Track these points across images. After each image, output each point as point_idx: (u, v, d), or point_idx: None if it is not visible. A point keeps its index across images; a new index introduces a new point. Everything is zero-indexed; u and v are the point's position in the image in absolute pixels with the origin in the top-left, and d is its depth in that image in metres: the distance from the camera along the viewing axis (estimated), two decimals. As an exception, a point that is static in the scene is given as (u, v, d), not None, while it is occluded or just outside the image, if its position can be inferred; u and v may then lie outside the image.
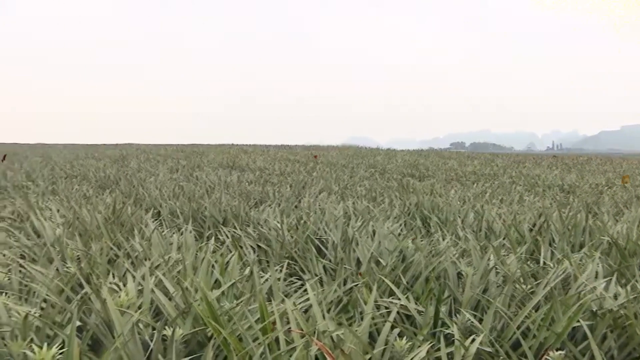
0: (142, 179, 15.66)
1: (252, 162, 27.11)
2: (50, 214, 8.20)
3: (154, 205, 9.76)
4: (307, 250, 5.88)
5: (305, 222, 7.34)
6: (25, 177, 16.99)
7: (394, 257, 5.59)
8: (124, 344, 3.12)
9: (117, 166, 22.70)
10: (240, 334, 3.25)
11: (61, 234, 6.27)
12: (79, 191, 12.22)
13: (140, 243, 5.73)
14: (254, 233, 7.03)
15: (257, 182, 15.43)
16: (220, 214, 8.53)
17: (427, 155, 39.42)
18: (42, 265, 5.03)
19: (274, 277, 4.45)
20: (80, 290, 4.20)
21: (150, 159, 30.00)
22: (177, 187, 13.00)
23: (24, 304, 4.02)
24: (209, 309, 3.44)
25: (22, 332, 3.44)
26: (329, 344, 3.26)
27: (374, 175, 19.73)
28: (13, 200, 10.47)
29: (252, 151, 41.46)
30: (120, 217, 7.49)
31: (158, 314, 3.88)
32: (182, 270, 4.56)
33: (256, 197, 11.48)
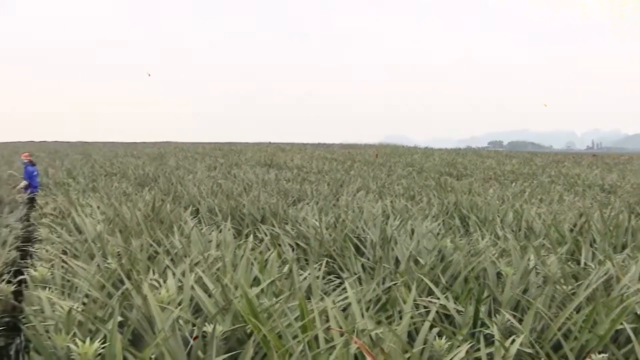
0: (180, 177, 15.77)
1: (289, 160, 27.14)
2: (90, 210, 8.29)
3: (192, 202, 9.81)
4: (346, 248, 5.86)
5: (343, 221, 7.32)
6: (66, 174, 17.20)
7: (433, 256, 5.55)
8: (165, 340, 3.14)
9: (156, 164, 22.87)
10: (280, 332, 3.24)
11: (102, 230, 6.33)
12: (119, 188, 12.34)
13: (179, 240, 5.76)
14: (292, 231, 7.03)
15: (295, 180, 15.45)
16: (258, 212, 8.54)
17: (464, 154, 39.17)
18: (83, 260, 5.09)
19: (313, 275, 4.44)
20: (121, 286, 4.22)
21: (188, 157, 30.20)
22: (215, 185, 13.06)
23: (66, 298, 4.06)
24: (249, 306, 3.44)
25: (65, 326, 3.48)
26: (367, 342, 3.24)
27: (411, 173, 19.65)
28: (55, 197, 10.61)
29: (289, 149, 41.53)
30: (159, 215, 7.55)
31: (197, 311, 3.89)
32: (222, 268, 4.57)
33: (294, 195, 11.48)
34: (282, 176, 17.14)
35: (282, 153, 35.73)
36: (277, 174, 17.80)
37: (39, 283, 4.66)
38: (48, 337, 3.51)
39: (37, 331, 3.65)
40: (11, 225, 8.74)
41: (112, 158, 28.24)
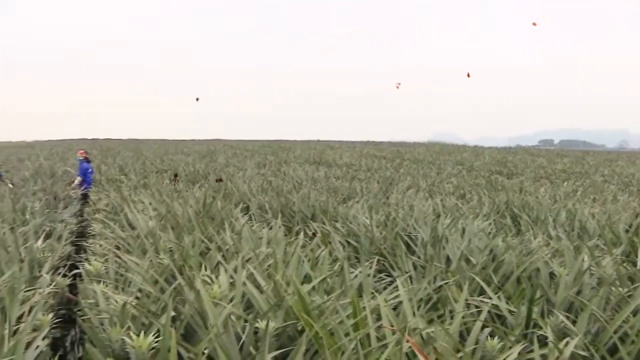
0: (230, 174, 15.88)
1: (338, 158, 27.17)
2: (142, 206, 8.40)
3: (242, 199, 9.88)
4: (397, 246, 5.84)
5: (394, 219, 7.30)
6: (118, 171, 17.47)
7: (484, 255, 5.50)
8: (218, 336, 3.17)
9: (206, 161, 23.07)
10: (331, 329, 3.25)
11: (154, 226, 6.41)
12: (170, 185, 12.47)
13: (231, 237, 5.80)
14: (343, 229, 7.03)
15: (344, 178, 15.45)
16: (308, 209, 8.56)
17: (514, 152, 38.75)
18: (136, 256, 5.16)
19: (364, 273, 4.43)
20: (173, 281, 4.27)
21: (237, 154, 30.43)
22: (265, 182, 13.13)
23: (120, 292, 4.13)
24: (301, 303, 3.45)
25: (120, 319, 3.53)
26: (419, 341, 3.23)
27: (461, 172, 19.51)
28: (108, 193, 10.78)
29: (338, 147, 41.56)
30: (210, 211, 7.61)
31: (248, 307, 3.91)
32: (273, 265, 4.59)
33: (344, 192, 11.48)
34: (331, 174, 17.16)
35: (330, 151, 35.78)
36: (326, 172, 17.84)
37: (93, 277, 4.75)
38: (103, 329, 3.58)
39: (92, 324, 3.72)
40: (66, 220, 8.91)
41: (163, 155, 28.60)
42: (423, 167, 21.31)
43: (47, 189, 12.91)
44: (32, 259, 5.48)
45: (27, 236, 6.67)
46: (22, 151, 38.78)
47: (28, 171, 18.46)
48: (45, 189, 13.04)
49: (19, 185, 14.28)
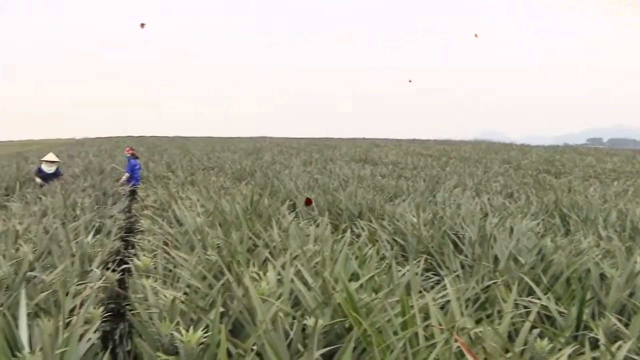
0: (276, 172, 15.93)
1: (384, 156, 27.10)
2: (190, 203, 8.47)
3: (289, 197, 9.91)
4: (444, 245, 5.81)
5: (441, 217, 7.26)
6: (165, 168, 17.66)
7: (533, 255, 5.43)
8: (266, 332, 3.18)
9: (252, 159, 23.18)
10: (380, 327, 3.24)
11: (202, 222, 6.46)
12: (216, 182, 12.56)
13: (278, 234, 5.82)
14: (389, 227, 7.01)
15: (391, 176, 15.41)
16: (355, 207, 8.55)
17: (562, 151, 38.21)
18: (184, 252, 5.21)
19: (412, 272, 4.41)
20: (221, 277, 4.30)
21: (283, 151, 30.52)
22: (312, 180, 13.15)
23: (169, 288, 4.17)
24: (350, 301, 3.45)
25: (169, 314, 3.57)
26: (467, 341, 3.21)
27: (508, 171, 19.31)
28: (155, 190, 10.91)
29: (383, 145, 41.43)
30: (257, 208, 7.65)
31: (296, 304, 3.92)
32: (321, 262, 4.60)
33: (390, 191, 11.45)
34: (377, 172, 17.12)
35: (376, 149, 35.67)
36: (372, 170, 17.81)
37: (142, 272, 4.81)
38: (152, 324, 3.62)
39: (141, 318, 3.77)
40: (115, 216, 9.05)
41: (209, 152, 28.81)
42: (469, 166, 21.15)
43: (97, 186, 13.12)
44: (82, 254, 5.57)
45: (78, 231, 6.79)
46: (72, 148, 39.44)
47: (78, 168, 18.77)
48: (95, 185, 13.25)
49: (69, 181, 14.54)
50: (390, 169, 18.65)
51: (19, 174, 17.34)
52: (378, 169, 18.36)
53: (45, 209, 8.62)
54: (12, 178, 16.12)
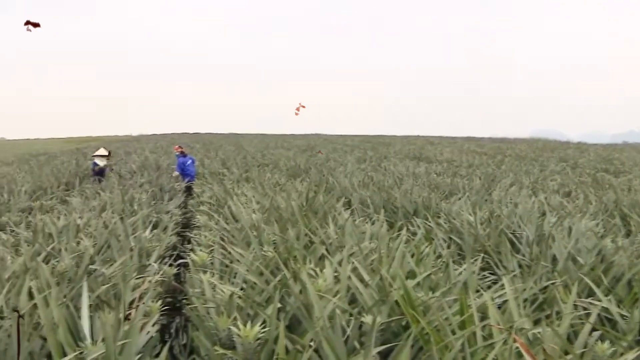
0: (331, 169, 15.94)
1: (439, 153, 26.92)
2: (245, 199, 8.53)
3: (344, 194, 9.90)
4: (501, 244, 5.74)
5: (498, 216, 7.17)
6: (220, 164, 17.81)
7: (593, 256, 5.32)
8: (324, 329, 3.18)
9: (306, 156, 23.23)
10: (437, 326, 3.21)
11: (258, 219, 6.49)
12: (271, 179, 12.62)
13: (334, 231, 5.82)
14: (445, 225, 6.96)
15: (446, 174, 15.29)
16: (411, 205, 8.51)
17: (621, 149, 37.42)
18: (240, 248, 5.23)
19: (469, 271, 4.37)
20: (277, 273, 4.31)
21: (337, 149, 30.53)
22: (366, 177, 13.12)
23: (226, 283, 4.20)
24: (407, 299, 3.43)
25: (227, 309, 3.59)
26: (525, 341, 3.15)
27: (565, 169, 18.99)
28: (211, 186, 11.01)
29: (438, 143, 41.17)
30: (312, 205, 7.66)
31: (352, 301, 3.91)
32: (377, 259, 4.58)
33: (445, 188, 11.37)
34: (432, 169, 17.02)
35: (431, 146, 35.47)
36: (427, 168, 17.71)
37: (199, 267, 4.86)
38: (210, 318, 3.65)
39: (198, 312, 3.80)
40: (171, 211, 9.16)
41: (264, 149, 28.99)
42: (525, 164, 20.85)
43: (153, 182, 13.32)
44: (141, 248, 5.65)
45: (136, 226, 6.90)
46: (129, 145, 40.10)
47: (135, 164, 19.08)
48: (151, 181, 13.46)
49: (127, 177, 14.79)
50: (445, 167, 18.51)
51: (79, 170, 17.71)
52: (433, 167, 18.24)
53: (104, 204, 8.78)
54: (72, 174, 16.48)
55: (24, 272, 4.38)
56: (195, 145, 33.03)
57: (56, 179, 14.80)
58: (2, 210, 9.46)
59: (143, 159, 21.80)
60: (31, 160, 25.98)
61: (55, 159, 26.09)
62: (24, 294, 3.80)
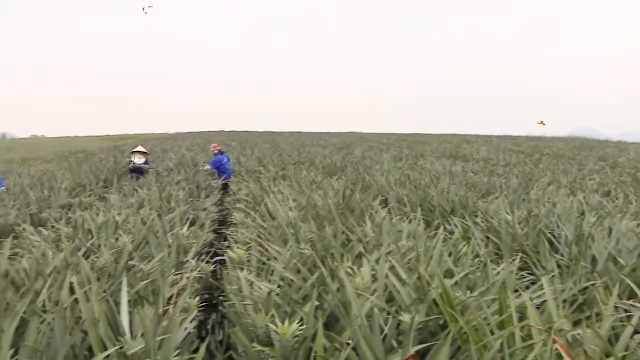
0: (367, 167, 15.92)
1: (475, 152, 26.74)
2: (282, 197, 8.55)
3: (380, 192, 9.88)
4: (539, 244, 5.69)
5: (536, 215, 7.10)
6: (257, 162, 17.87)
7: (634, 257, 5.24)
8: (362, 327, 3.17)
9: (342, 154, 23.22)
10: (476, 325, 3.19)
11: (295, 216, 6.50)
12: (307, 177, 12.64)
13: (372, 229, 5.81)
14: (483, 224, 6.91)
15: (482, 173, 15.20)
16: (448, 204, 8.47)
17: (664, 147, 36.82)
18: (277, 245, 5.25)
19: (508, 270, 4.33)
20: (314, 271, 4.31)
21: (373, 147, 30.46)
22: (403, 176, 13.09)
23: (263, 280, 4.21)
24: (446, 298, 3.41)
25: (265, 306, 3.61)
26: (564, 342, 3.11)
27: (604, 168, 18.74)
28: (247, 184, 11.05)
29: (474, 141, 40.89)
30: (349, 203, 7.65)
31: (389, 300, 3.90)
32: (415, 258, 4.56)
33: (482, 187, 11.29)
34: (468, 168, 16.92)
35: (467, 144, 35.24)
36: (463, 166, 17.60)
37: (236, 264, 4.88)
38: (248, 315, 3.67)
39: (236, 309, 3.82)
40: (208, 209, 9.21)
41: (299, 147, 29.03)
42: (563, 163, 20.62)
43: (190, 179, 13.42)
44: (178, 245, 5.70)
45: (173, 223, 6.95)
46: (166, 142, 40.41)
47: (172, 161, 19.23)
48: (188, 178, 13.56)
49: (164, 174, 14.92)
50: (481, 166, 18.38)
51: (116, 167, 17.91)
52: (469, 165, 18.12)
53: (142, 201, 8.86)
54: (110, 171, 16.68)
55: (65, 267, 4.45)
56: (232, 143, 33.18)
57: (95, 176, 15.00)
58: (43, 207, 9.62)
59: (180, 156, 21.94)
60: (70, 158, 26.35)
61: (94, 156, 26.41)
62: (65, 288, 3.86)
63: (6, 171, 18.49)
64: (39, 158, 29.89)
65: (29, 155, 35.98)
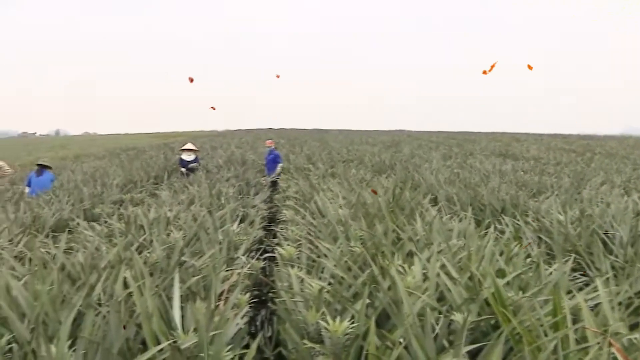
0: (416, 165, 15.84)
1: (525, 150, 26.44)
2: (331, 195, 8.55)
3: (430, 191, 9.83)
4: (593, 245, 5.59)
5: (590, 215, 6.98)
6: (306, 160, 17.91)
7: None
8: (414, 326, 3.16)
9: (391, 152, 23.15)
10: (529, 326, 3.14)
11: (345, 214, 6.49)
12: (357, 175, 12.61)
13: (422, 227, 5.77)
14: (534, 223, 6.82)
15: (533, 172, 15.01)
16: (498, 203, 8.38)
17: None
18: (327, 243, 5.24)
19: (561, 271, 4.27)
20: (365, 269, 4.30)
21: (422, 145, 30.32)
22: (452, 174, 13.00)
23: (313, 277, 4.22)
24: (499, 297, 3.38)
25: (316, 304, 3.61)
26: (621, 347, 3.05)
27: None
28: (297, 181, 11.08)
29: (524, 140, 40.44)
30: (399, 202, 7.61)
31: (440, 299, 3.87)
32: (466, 257, 4.52)
33: (533, 186, 11.15)
34: (518, 167, 16.73)
35: (517, 143, 34.87)
36: (513, 165, 17.41)
37: (286, 261, 4.90)
38: (299, 312, 3.68)
39: (286, 306, 3.83)
40: (258, 206, 9.26)
41: (348, 145, 29.02)
42: (616, 162, 20.25)
43: (239, 176, 13.50)
44: (229, 241, 5.73)
45: (224, 219, 7.00)
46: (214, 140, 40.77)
47: (221, 159, 19.38)
48: (238, 175, 13.65)
49: (214, 172, 15.04)
50: (532, 164, 18.15)
51: (167, 164, 18.11)
52: (519, 164, 17.91)
53: (192, 198, 8.94)
54: (160, 168, 16.87)
55: (118, 261, 4.52)
56: (280, 141, 33.35)
57: (145, 173, 15.19)
58: (96, 202, 9.77)
59: (229, 153, 22.11)
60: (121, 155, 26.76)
61: (144, 153, 26.77)
62: (119, 282, 3.91)
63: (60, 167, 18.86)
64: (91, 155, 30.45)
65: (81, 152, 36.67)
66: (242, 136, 46.43)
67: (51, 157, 29.37)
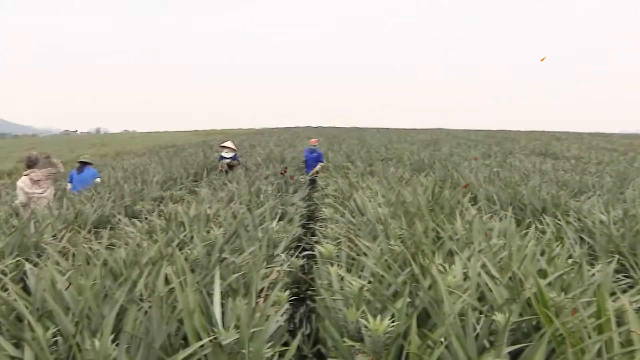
0: (456, 164, 15.75)
1: (565, 149, 26.14)
2: (370, 193, 8.53)
3: (469, 189, 9.76)
4: (637, 245, 5.51)
5: (634, 216, 6.88)
6: (344, 158, 17.90)
7: None
8: (455, 325, 3.14)
9: (430, 150, 23.05)
10: (572, 327, 3.11)
11: (384, 212, 6.48)
12: (395, 173, 12.58)
13: (462, 226, 5.74)
14: (576, 223, 6.75)
15: (574, 171, 14.84)
16: (539, 202, 8.30)
17: None
18: (367, 241, 5.24)
19: (605, 272, 4.21)
20: (404, 267, 4.29)
21: (461, 144, 30.13)
22: (492, 173, 12.90)
23: (353, 275, 4.22)
24: (541, 298, 3.35)
25: (356, 302, 3.61)
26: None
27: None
28: (336, 179, 11.08)
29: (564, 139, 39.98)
30: (438, 200, 7.58)
31: (480, 299, 3.85)
32: (507, 257, 4.49)
33: (574, 186, 11.03)
34: (559, 166, 16.55)
35: (557, 142, 34.50)
36: (553, 164, 17.23)
37: (326, 259, 4.90)
38: (339, 310, 3.68)
39: (326, 303, 3.84)
40: (296, 204, 9.27)
41: (387, 143, 28.96)
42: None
43: (278, 174, 13.53)
44: (268, 239, 5.75)
45: (263, 217, 7.02)
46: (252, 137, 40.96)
47: (259, 156, 19.47)
48: (277, 173, 13.69)
49: (252, 169, 15.11)
50: (572, 164, 17.95)
51: (206, 162, 18.24)
52: (560, 163, 17.72)
53: (232, 195, 8.99)
54: (199, 165, 17.00)
55: (159, 258, 4.56)
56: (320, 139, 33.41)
57: (185, 170, 15.33)
58: (136, 199, 9.88)
59: (268, 151, 22.21)
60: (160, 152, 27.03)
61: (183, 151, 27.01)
62: (161, 278, 3.95)
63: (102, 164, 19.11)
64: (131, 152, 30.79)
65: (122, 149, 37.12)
66: (281, 134, 46.61)
67: (92, 155, 29.82)
